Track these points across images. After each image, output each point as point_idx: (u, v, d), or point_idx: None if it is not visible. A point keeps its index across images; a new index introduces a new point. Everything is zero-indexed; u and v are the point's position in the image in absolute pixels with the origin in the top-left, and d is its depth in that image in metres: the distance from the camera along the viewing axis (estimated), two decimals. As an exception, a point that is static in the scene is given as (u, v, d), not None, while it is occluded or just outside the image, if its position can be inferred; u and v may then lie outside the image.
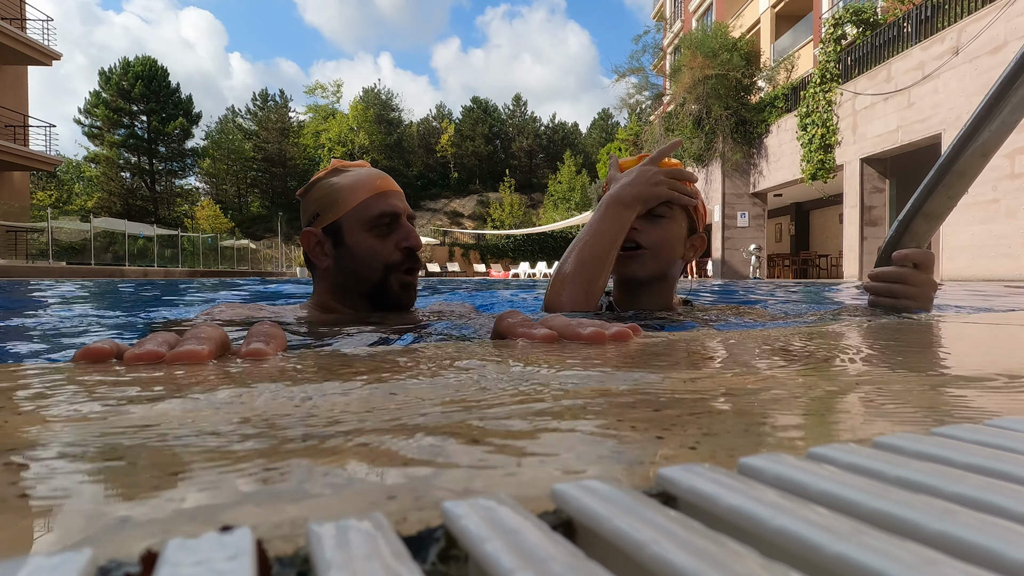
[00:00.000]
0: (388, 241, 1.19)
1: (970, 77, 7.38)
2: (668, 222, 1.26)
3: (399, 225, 1.20)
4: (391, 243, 1.19)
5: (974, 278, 7.02)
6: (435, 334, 1.08)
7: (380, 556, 0.14)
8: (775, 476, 0.19)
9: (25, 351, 1.22)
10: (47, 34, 17.26)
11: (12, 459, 0.23)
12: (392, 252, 1.18)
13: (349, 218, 1.18)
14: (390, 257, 1.18)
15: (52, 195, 35.67)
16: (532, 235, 31.20)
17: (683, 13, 22.76)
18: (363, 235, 1.18)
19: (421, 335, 1.06)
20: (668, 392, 0.35)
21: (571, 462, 0.22)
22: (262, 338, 0.55)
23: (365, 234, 1.18)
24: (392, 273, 1.19)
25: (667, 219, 1.26)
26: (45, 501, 0.19)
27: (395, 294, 1.20)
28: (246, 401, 0.32)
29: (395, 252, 1.18)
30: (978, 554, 0.13)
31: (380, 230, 1.18)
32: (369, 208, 1.17)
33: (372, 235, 1.18)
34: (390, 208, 1.18)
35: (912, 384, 0.38)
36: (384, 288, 1.19)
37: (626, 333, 0.60)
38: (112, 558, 0.15)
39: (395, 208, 1.19)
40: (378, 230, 1.18)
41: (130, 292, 4.39)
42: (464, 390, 0.36)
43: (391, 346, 0.86)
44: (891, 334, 0.68)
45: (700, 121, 13.91)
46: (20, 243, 16.97)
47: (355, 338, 0.99)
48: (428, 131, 52.49)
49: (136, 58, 40.48)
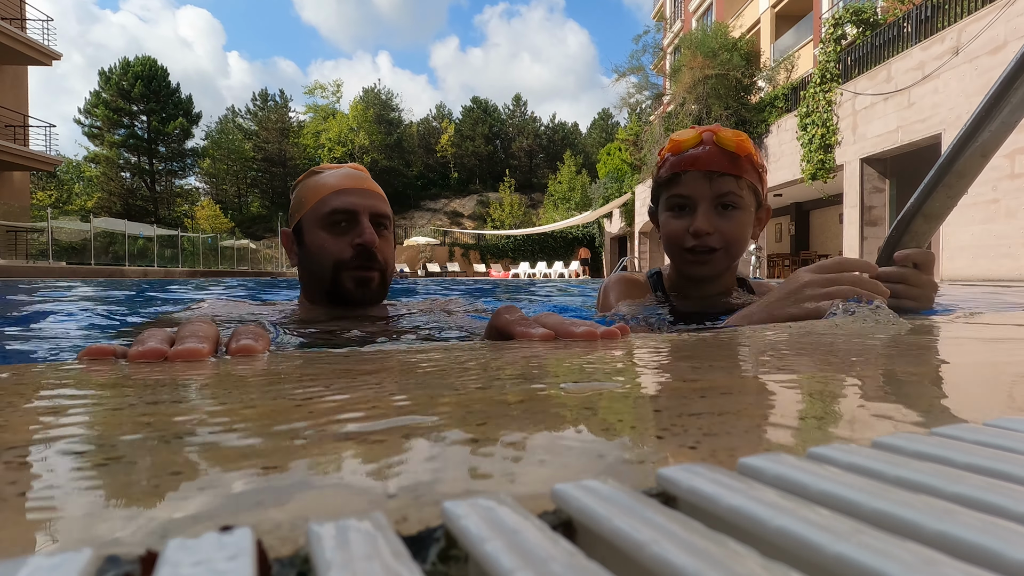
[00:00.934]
0: (342, 240, 1.16)
1: (970, 77, 7.38)
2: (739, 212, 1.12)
3: (356, 223, 1.16)
4: (345, 241, 1.15)
5: (974, 278, 7.02)
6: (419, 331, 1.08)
7: (380, 556, 0.14)
8: (775, 476, 0.19)
9: (25, 351, 1.22)
10: (47, 34, 17.25)
11: (12, 457, 0.23)
12: (344, 250, 1.15)
13: (308, 216, 1.17)
14: (340, 255, 1.15)
15: (52, 195, 35.66)
16: (532, 235, 31.20)
17: (683, 13, 22.77)
18: (318, 233, 1.16)
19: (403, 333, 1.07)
20: (669, 392, 0.35)
21: (571, 462, 0.22)
22: (250, 335, 0.55)
23: (320, 232, 1.16)
24: (343, 271, 1.15)
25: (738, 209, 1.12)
26: (45, 501, 0.19)
27: (349, 292, 1.16)
28: (245, 400, 0.32)
29: (347, 249, 1.15)
30: (978, 554, 0.13)
31: (335, 228, 1.15)
32: (324, 205, 1.16)
33: (327, 233, 1.15)
34: (344, 205, 1.15)
35: (912, 384, 0.38)
36: (337, 286, 1.16)
37: (614, 332, 0.62)
38: (112, 558, 0.15)
39: (351, 205, 1.15)
40: (333, 228, 1.15)
41: (129, 291, 4.39)
42: (464, 390, 0.36)
43: (388, 346, 0.86)
44: (893, 334, 0.68)
45: (700, 121, 13.90)
46: (20, 243, 16.96)
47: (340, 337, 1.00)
48: (428, 131, 52.49)
49: (136, 58, 40.49)
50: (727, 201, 1.10)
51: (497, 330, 0.67)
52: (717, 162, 1.09)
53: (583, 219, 27.15)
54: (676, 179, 1.13)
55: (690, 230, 1.11)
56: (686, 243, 1.12)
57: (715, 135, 1.10)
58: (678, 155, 1.13)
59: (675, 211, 1.15)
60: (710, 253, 1.11)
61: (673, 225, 1.14)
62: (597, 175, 29.59)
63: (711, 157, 1.10)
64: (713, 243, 1.10)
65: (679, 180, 1.12)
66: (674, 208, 1.15)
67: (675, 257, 1.17)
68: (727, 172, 1.09)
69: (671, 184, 1.14)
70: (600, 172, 28.29)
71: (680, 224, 1.13)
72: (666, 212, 1.16)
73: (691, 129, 1.14)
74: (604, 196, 25.02)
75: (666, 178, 1.14)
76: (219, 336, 0.55)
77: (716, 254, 1.11)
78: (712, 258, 1.12)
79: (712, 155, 1.10)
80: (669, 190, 1.15)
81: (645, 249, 20.43)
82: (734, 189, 1.10)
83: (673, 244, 1.15)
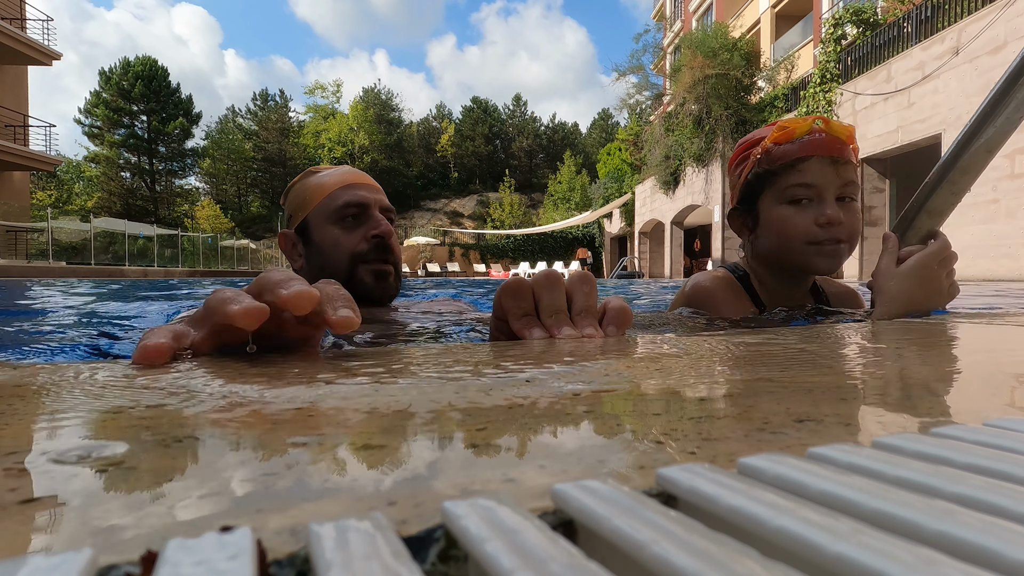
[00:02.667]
0: (356, 233, 1.13)
1: (970, 77, 7.38)
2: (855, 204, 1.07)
3: (368, 216, 1.14)
4: (358, 235, 1.13)
5: (974, 278, 7.02)
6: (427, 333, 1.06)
7: (380, 556, 0.14)
8: (775, 476, 0.19)
9: (23, 350, 1.22)
10: (47, 34, 17.26)
11: (11, 462, 0.23)
12: (359, 243, 1.12)
13: (316, 213, 1.14)
14: (356, 247, 1.12)
15: (52, 195, 35.68)
16: (532, 235, 31.23)
17: (683, 13, 22.77)
18: (329, 228, 1.13)
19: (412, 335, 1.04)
20: (670, 393, 0.35)
21: (571, 462, 0.22)
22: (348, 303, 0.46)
23: (331, 227, 1.13)
24: (360, 264, 1.12)
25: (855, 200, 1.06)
26: (45, 500, 0.19)
27: (367, 286, 1.13)
28: (244, 400, 0.32)
29: (362, 242, 1.12)
30: (978, 554, 0.13)
31: (346, 222, 1.13)
32: (334, 200, 1.13)
33: (338, 227, 1.13)
34: (356, 199, 1.13)
35: (912, 384, 0.38)
36: (353, 281, 1.12)
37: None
38: (112, 558, 0.15)
39: (362, 199, 1.14)
40: (344, 222, 1.13)
41: (124, 291, 4.39)
42: (464, 390, 0.36)
43: (390, 346, 0.86)
44: (893, 334, 0.68)
45: (700, 121, 13.91)
46: (20, 243, 16.97)
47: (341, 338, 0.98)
48: (428, 131, 52.52)
49: (136, 58, 40.53)
50: (846, 192, 1.04)
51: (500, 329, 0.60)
52: (838, 148, 1.03)
53: (583, 219, 27.17)
54: (796, 167, 1.04)
55: (819, 221, 1.03)
56: (816, 236, 1.04)
57: (825, 122, 1.04)
58: (792, 142, 1.05)
59: (795, 203, 1.06)
60: (838, 244, 1.04)
61: (795, 217, 1.05)
62: (597, 175, 29.61)
63: (831, 143, 1.03)
64: (841, 235, 1.03)
65: (800, 168, 1.04)
66: (792, 200, 1.06)
67: (795, 251, 1.07)
68: (847, 160, 1.04)
69: (788, 174, 1.05)
70: (600, 172, 28.31)
71: (804, 215, 1.05)
72: (784, 205, 1.07)
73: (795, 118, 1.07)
74: (604, 196, 25.04)
75: (781, 166, 1.06)
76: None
77: (842, 247, 1.05)
78: (840, 250, 1.05)
79: (832, 141, 1.03)
80: (786, 180, 1.06)
81: (645, 249, 20.44)
82: (854, 178, 1.04)
83: (795, 238, 1.06)
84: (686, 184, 15.63)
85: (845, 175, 1.04)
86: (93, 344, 1.22)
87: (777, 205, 1.08)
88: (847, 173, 1.04)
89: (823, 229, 1.03)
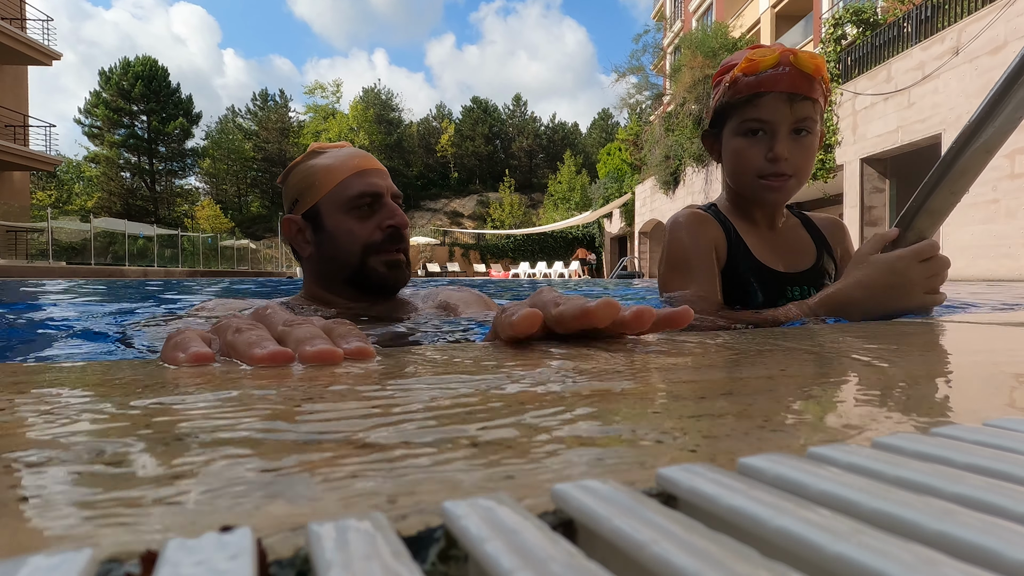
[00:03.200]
0: (369, 222, 1.12)
1: (970, 77, 7.38)
2: (811, 138, 1.08)
3: (382, 205, 1.13)
4: (372, 224, 1.12)
5: (974, 278, 7.02)
6: (432, 331, 1.04)
7: (380, 556, 0.14)
8: (775, 476, 0.19)
9: (24, 350, 1.22)
10: (47, 34, 17.26)
11: (12, 461, 0.23)
12: (373, 232, 1.11)
13: (327, 201, 1.12)
14: (370, 238, 1.11)
15: (52, 195, 35.69)
16: (532, 235, 31.23)
17: (683, 13, 22.77)
18: (342, 218, 1.11)
19: (417, 331, 1.03)
20: (670, 392, 0.35)
21: (571, 462, 0.22)
22: (358, 334, 0.49)
23: (344, 216, 1.11)
24: (373, 255, 1.11)
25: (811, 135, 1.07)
26: (45, 500, 0.19)
27: (381, 276, 1.12)
28: (243, 400, 0.32)
29: (376, 232, 1.11)
30: (978, 554, 0.13)
31: (360, 211, 1.11)
32: (347, 189, 1.11)
33: (351, 217, 1.11)
34: (370, 188, 1.12)
35: (913, 384, 0.38)
36: (365, 271, 1.12)
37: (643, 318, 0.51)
38: (112, 558, 0.15)
39: (375, 187, 1.12)
40: (358, 211, 1.11)
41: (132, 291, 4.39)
42: (464, 390, 0.36)
43: (392, 346, 0.86)
44: (892, 334, 0.68)
45: (700, 121, 13.91)
46: (20, 243, 16.97)
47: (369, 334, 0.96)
48: (428, 131, 52.52)
49: (136, 58, 40.53)
50: (802, 126, 1.06)
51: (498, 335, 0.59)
52: (798, 84, 1.05)
53: (583, 219, 27.17)
54: (753, 101, 1.07)
55: (767, 156, 1.07)
56: (763, 170, 1.09)
57: (793, 55, 1.05)
58: (755, 75, 1.07)
59: (748, 135, 1.10)
60: (784, 179, 1.08)
61: (748, 151, 1.10)
62: (597, 175, 29.62)
63: (792, 79, 1.05)
64: (787, 170, 1.07)
65: (756, 103, 1.07)
66: (747, 132, 1.10)
67: (745, 183, 1.13)
68: (806, 95, 1.05)
69: (746, 107, 1.09)
70: (600, 172, 28.31)
71: (755, 150, 1.09)
72: (737, 137, 1.11)
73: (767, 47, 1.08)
74: (604, 196, 25.04)
75: (740, 100, 1.09)
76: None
77: (789, 181, 1.09)
78: (787, 185, 1.09)
79: (793, 77, 1.05)
80: (744, 114, 1.09)
81: (645, 249, 20.43)
82: (811, 114, 1.06)
83: (744, 170, 1.12)
84: (686, 184, 15.64)
85: (801, 111, 1.05)
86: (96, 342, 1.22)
87: (734, 136, 1.13)
88: (803, 110, 1.05)
89: (770, 163, 1.07)
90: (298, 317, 0.51)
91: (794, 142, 1.07)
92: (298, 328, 0.48)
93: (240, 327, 0.48)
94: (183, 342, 0.46)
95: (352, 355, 0.46)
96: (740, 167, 1.13)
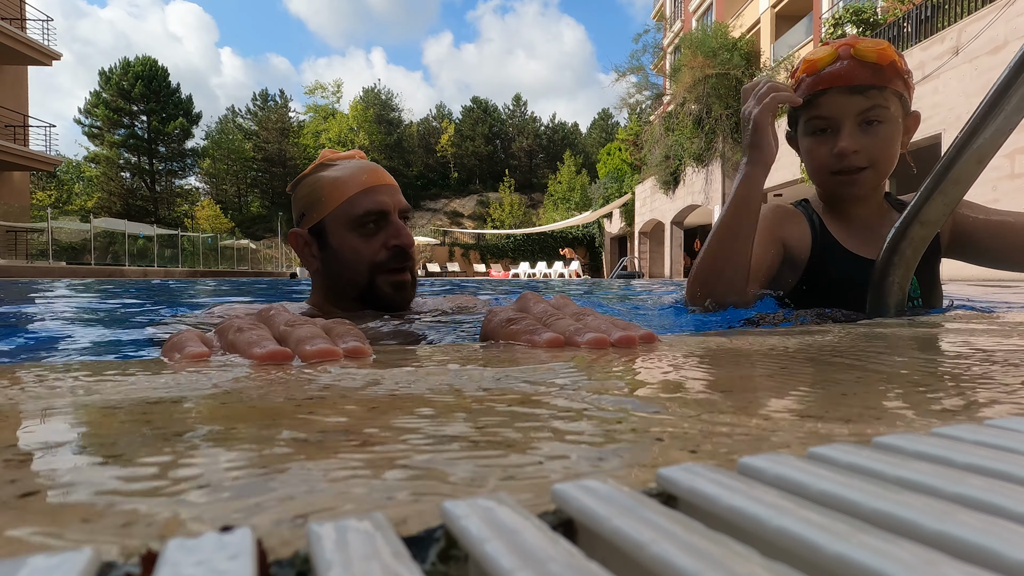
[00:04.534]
0: (375, 241, 1.10)
1: (970, 77, 7.38)
2: (884, 126, 1.07)
3: (388, 223, 1.11)
4: (378, 243, 1.10)
5: (974, 278, 7.01)
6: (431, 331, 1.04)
7: (380, 556, 0.14)
8: (775, 476, 0.19)
9: (22, 350, 1.22)
10: (47, 34, 17.26)
11: (11, 456, 0.23)
12: (378, 252, 1.10)
13: (333, 218, 1.10)
14: (376, 257, 1.10)
15: (52, 195, 35.68)
16: (532, 235, 31.23)
17: (683, 13, 22.77)
18: (347, 235, 1.10)
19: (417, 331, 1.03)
20: (670, 392, 0.35)
21: (571, 462, 0.22)
22: (356, 334, 0.51)
23: (349, 234, 1.10)
24: (379, 274, 1.10)
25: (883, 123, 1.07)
26: (45, 499, 0.19)
27: (386, 296, 1.12)
28: (244, 400, 0.32)
29: (382, 251, 1.10)
30: (978, 554, 0.13)
31: (366, 229, 1.10)
32: (353, 207, 1.09)
33: (357, 235, 1.10)
34: (376, 206, 1.10)
35: (912, 383, 0.38)
36: (373, 290, 1.11)
37: (631, 339, 0.53)
38: (112, 558, 0.15)
39: (382, 205, 1.10)
40: (363, 230, 1.10)
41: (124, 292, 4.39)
42: (465, 390, 0.36)
43: (392, 346, 0.86)
44: (893, 334, 0.68)
45: (700, 121, 13.92)
46: (20, 243, 16.97)
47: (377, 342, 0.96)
48: (428, 131, 52.52)
49: (136, 58, 40.53)
50: (871, 117, 1.06)
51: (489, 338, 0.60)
52: (859, 75, 1.05)
53: (583, 219, 27.17)
54: (814, 100, 1.09)
55: (834, 152, 1.08)
56: (832, 166, 1.09)
57: (852, 48, 1.06)
58: (814, 74, 1.09)
59: (816, 134, 1.11)
60: (857, 173, 1.08)
61: (816, 149, 1.11)
62: (597, 175, 29.60)
63: (851, 72, 1.05)
64: (859, 162, 1.07)
65: (818, 101, 1.09)
66: (815, 132, 1.11)
67: (822, 182, 1.14)
68: (871, 84, 1.05)
69: (809, 106, 1.10)
70: (600, 172, 28.30)
71: (823, 147, 1.10)
72: (807, 137, 1.13)
73: (826, 46, 1.09)
74: (604, 196, 25.04)
75: (804, 100, 1.11)
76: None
77: (864, 173, 1.09)
78: (860, 178, 1.09)
79: (852, 69, 1.05)
80: (808, 113, 1.11)
81: (645, 249, 20.43)
82: (879, 102, 1.05)
83: (817, 168, 1.13)
84: (686, 184, 15.64)
85: (863, 103, 1.06)
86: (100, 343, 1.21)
87: (804, 136, 1.15)
88: (866, 100, 1.06)
89: (837, 159, 1.08)
90: (300, 317, 0.53)
91: (864, 133, 1.06)
92: (299, 328, 0.49)
93: (242, 327, 0.50)
94: (181, 342, 0.49)
95: (350, 354, 0.48)
96: (813, 166, 1.14)
